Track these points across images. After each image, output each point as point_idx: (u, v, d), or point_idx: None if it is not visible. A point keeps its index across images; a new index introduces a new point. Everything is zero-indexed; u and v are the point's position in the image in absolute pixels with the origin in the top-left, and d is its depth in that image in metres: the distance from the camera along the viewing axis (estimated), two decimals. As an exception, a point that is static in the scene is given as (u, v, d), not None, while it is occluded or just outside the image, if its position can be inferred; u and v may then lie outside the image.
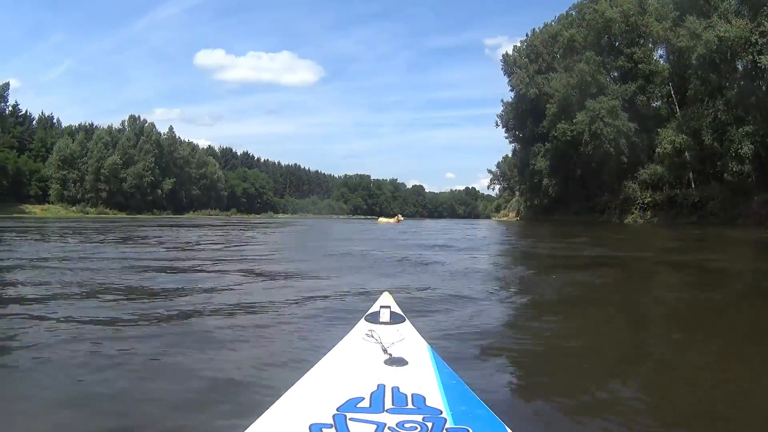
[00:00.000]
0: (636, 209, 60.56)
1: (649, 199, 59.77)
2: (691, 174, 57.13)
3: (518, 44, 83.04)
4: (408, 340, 3.16)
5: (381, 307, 3.66)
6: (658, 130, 57.21)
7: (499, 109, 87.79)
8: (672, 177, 58.68)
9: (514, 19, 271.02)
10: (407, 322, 3.49)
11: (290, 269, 11.54)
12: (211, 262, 13.02)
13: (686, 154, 55.64)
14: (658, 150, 56.50)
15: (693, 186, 56.79)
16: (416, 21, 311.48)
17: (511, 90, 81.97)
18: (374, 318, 3.50)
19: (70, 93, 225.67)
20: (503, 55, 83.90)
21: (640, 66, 61.22)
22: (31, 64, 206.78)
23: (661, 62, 62.01)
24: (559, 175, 71.40)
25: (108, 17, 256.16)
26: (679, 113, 56.99)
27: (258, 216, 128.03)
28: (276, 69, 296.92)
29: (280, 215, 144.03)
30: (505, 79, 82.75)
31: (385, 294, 4.05)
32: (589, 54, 61.82)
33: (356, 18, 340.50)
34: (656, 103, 63.62)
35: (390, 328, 3.33)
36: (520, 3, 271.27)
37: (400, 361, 2.74)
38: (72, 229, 34.01)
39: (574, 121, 61.29)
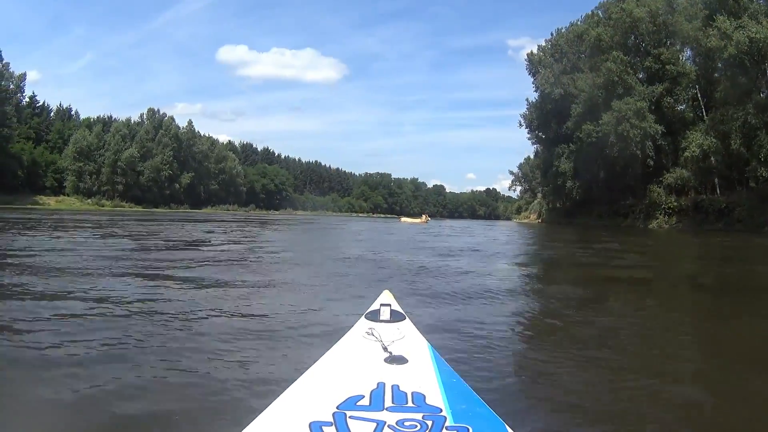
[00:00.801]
0: (661, 214, 59.30)
1: (674, 204, 58.49)
2: (716, 179, 55.86)
3: (543, 43, 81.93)
4: (408, 338, 3.16)
5: (381, 305, 3.63)
6: (687, 132, 56.10)
7: (522, 109, 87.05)
8: (697, 182, 57.46)
9: (537, 20, 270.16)
10: (407, 320, 3.48)
11: (289, 278, 10.23)
12: (212, 265, 11.93)
13: (712, 158, 54.55)
14: (686, 153, 55.19)
15: (718, 191, 55.56)
16: (439, 20, 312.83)
17: (536, 90, 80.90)
18: (374, 316, 3.50)
19: (91, 86, 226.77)
20: (528, 54, 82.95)
21: (667, 67, 59.89)
22: (52, 56, 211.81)
23: (688, 64, 60.43)
24: (583, 177, 69.85)
25: (130, 11, 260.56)
26: (706, 116, 55.70)
27: (277, 212, 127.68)
28: (299, 66, 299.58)
29: (299, 212, 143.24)
30: (528, 81, 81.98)
31: (386, 292, 3.96)
32: (616, 53, 60.56)
33: (380, 16, 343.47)
34: (681, 107, 62.50)
35: (390, 326, 3.33)
36: (543, 4, 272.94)
37: (400, 360, 2.73)
38: (74, 221, 33.54)
39: (600, 122, 59.97)
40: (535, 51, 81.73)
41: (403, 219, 78.64)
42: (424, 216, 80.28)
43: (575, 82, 67.84)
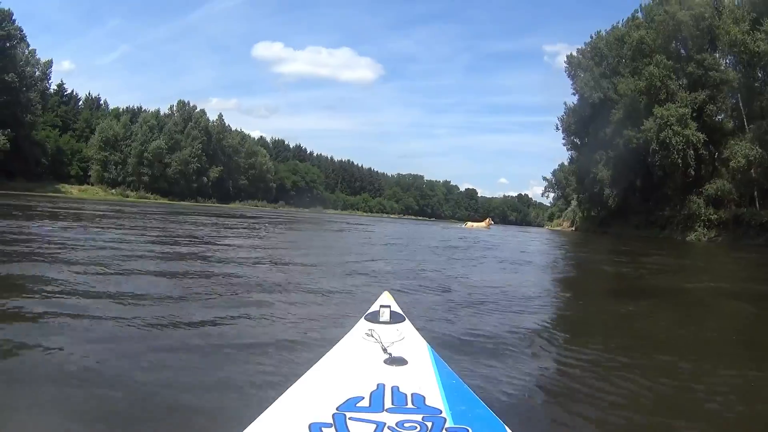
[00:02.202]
0: (700, 226, 56.76)
1: (714, 216, 55.92)
2: (755, 191, 53.40)
3: (582, 46, 79.55)
4: (408, 339, 3.18)
5: (381, 306, 3.62)
6: (731, 141, 53.84)
7: (558, 114, 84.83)
8: (738, 194, 55.16)
9: (573, 26, 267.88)
10: (407, 321, 3.51)
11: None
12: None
13: (752, 171, 52.24)
14: (731, 164, 52.78)
15: (757, 205, 53.23)
16: (476, 24, 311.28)
17: (574, 93, 78.04)
18: (374, 317, 3.51)
19: (125, 79, 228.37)
20: (567, 56, 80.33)
21: (710, 74, 57.57)
22: (87, 48, 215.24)
23: (731, 71, 57.90)
24: (621, 185, 67.47)
25: (166, 5, 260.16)
26: (752, 125, 53.34)
27: (307, 210, 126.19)
28: (335, 65, 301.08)
29: (330, 211, 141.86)
30: (563, 87, 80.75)
31: (385, 293, 4.00)
32: (659, 57, 58.57)
33: (416, 18, 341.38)
34: (719, 117, 60.66)
35: (390, 328, 3.34)
36: (580, 11, 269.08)
37: (399, 361, 2.76)
38: (85, 213, 32.64)
39: (642, 128, 57.85)
40: (574, 54, 79.42)
41: (468, 223, 77.50)
42: (487, 220, 79.27)
43: (615, 87, 65.67)
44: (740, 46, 53.05)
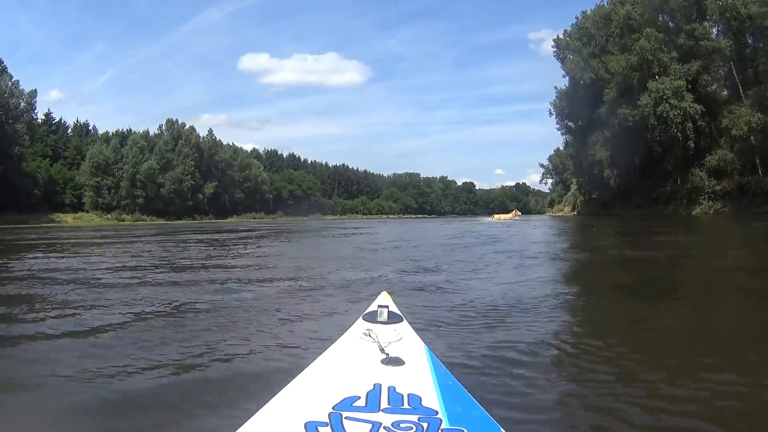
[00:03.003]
0: (705, 199, 56.09)
1: (718, 188, 55.19)
2: (757, 159, 52.63)
3: (568, 29, 78.70)
4: (405, 340, 3.16)
5: (379, 306, 3.58)
6: (729, 109, 52.81)
7: (551, 99, 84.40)
8: (740, 163, 54.51)
9: (555, 11, 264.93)
10: (405, 322, 3.47)
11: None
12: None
13: (752, 137, 51.52)
14: (733, 132, 51.94)
15: (760, 172, 52.63)
16: (460, 18, 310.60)
17: (565, 75, 77.85)
18: (372, 317, 3.48)
19: (115, 102, 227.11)
20: (555, 40, 79.93)
21: (701, 43, 56.77)
22: (73, 75, 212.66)
23: (723, 39, 56.96)
24: (620, 165, 66.85)
25: (150, 25, 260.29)
26: (750, 91, 52.49)
27: (305, 218, 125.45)
28: (322, 70, 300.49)
29: (329, 217, 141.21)
30: (551, 72, 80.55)
31: (383, 293, 4.00)
32: (649, 30, 57.75)
33: (400, 17, 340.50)
34: (712, 87, 60.46)
35: (387, 328, 3.32)
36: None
37: (396, 361, 2.74)
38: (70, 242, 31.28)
39: (638, 104, 57.28)
40: (561, 36, 78.57)
41: (495, 216, 76.99)
42: (514, 211, 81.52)
43: (606, 65, 65.07)
44: (731, 11, 52.27)
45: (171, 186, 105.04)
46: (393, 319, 3.46)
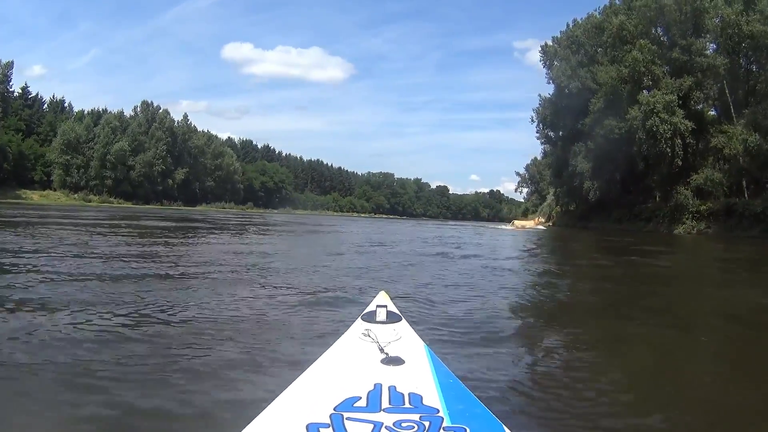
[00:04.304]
0: (688, 218, 54.74)
1: (703, 208, 53.90)
2: (744, 181, 52.07)
3: (558, 35, 77.49)
4: (405, 339, 3.17)
5: (378, 306, 3.59)
6: (722, 128, 52.24)
7: (532, 108, 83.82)
8: (728, 184, 53.51)
9: (543, 22, 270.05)
10: (404, 321, 3.47)
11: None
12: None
13: (740, 159, 50.69)
14: (725, 151, 51.13)
15: (746, 195, 51.78)
16: (447, 22, 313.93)
17: (550, 82, 76.25)
18: (371, 317, 3.48)
19: (96, 82, 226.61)
20: (542, 46, 78.44)
21: (696, 59, 55.51)
22: (58, 52, 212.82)
23: (719, 56, 56.00)
24: (602, 178, 65.34)
25: (137, 8, 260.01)
26: (747, 110, 51.79)
27: (275, 211, 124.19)
28: (305, 65, 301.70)
29: (299, 211, 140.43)
30: (534, 81, 79.91)
31: (382, 293, 3.97)
32: (643, 42, 56.66)
33: (387, 17, 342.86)
34: (700, 106, 59.61)
35: (386, 328, 3.32)
36: (549, 7, 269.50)
37: (396, 361, 2.74)
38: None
39: (627, 116, 55.88)
40: (549, 43, 77.35)
41: (516, 222, 74.02)
42: (536, 219, 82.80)
43: (594, 76, 63.52)
44: (734, 27, 51.38)
45: (141, 169, 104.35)
46: (392, 318, 3.44)
